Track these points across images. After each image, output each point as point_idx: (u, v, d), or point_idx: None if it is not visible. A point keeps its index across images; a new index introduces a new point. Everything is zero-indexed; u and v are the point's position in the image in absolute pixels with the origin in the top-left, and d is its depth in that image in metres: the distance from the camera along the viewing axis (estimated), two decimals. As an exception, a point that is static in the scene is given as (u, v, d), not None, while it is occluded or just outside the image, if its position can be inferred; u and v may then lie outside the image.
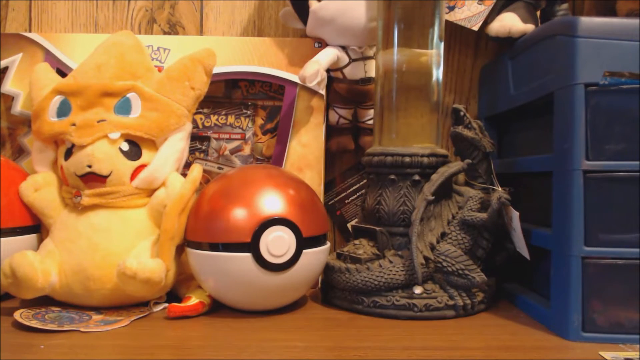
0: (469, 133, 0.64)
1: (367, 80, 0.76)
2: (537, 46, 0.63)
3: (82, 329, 0.54)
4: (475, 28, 0.74)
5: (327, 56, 0.73)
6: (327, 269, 0.65)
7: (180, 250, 0.62)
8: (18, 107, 0.74)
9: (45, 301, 0.61)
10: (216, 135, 0.78)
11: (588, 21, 0.53)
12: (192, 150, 0.78)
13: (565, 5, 0.75)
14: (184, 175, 0.63)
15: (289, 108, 0.75)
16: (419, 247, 0.61)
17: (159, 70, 0.67)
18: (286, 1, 0.77)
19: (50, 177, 0.65)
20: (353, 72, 0.75)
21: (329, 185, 0.83)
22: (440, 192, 0.62)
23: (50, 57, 0.75)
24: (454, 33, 0.84)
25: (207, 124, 0.78)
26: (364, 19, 0.72)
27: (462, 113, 0.65)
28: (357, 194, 0.83)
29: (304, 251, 0.59)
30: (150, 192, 0.64)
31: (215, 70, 0.68)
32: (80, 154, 0.61)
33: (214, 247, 0.58)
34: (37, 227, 0.66)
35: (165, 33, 0.83)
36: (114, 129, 0.61)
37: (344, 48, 0.75)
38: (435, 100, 0.67)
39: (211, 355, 0.48)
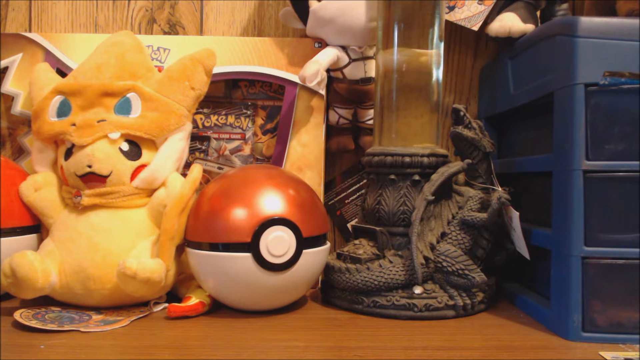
0: (469, 133, 0.64)
1: (367, 80, 0.76)
2: (537, 46, 0.63)
3: (82, 329, 0.54)
4: (475, 28, 0.74)
5: (327, 56, 0.73)
6: (327, 269, 0.65)
7: (180, 250, 0.62)
8: (18, 107, 0.74)
9: (45, 301, 0.61)
10: (216, 135, 0.78)
11: (588, 21, 0.53)
12: (192, 150, 0.78)
13: (565, 5, 0.75)
14: (184, 175, 0.63)
15: (289, 108, 0.75)
16: (419, 247, 0.61)
17: (159, 70, 0.67)
18: (286, 1, 0.77)
19: (50, 177, 0.65)
20: (353, 72, 0.75)
21: (329, 185, 0.83)
22: (440, 192, 0.62)
23: (50, 57, 0.75)
24: (454, 33, 0.84)
25: (207, 124, 0.78)
26: (364, 19, 0.72)
27: (462, 113, 0.65)
28: (357, 194, 0.83)
29: (304, 251, 0.59)
30: (150, 192, 0.64)
31: (215, 70, 0.68)
32: (80, 154, 0.61)
33: (214, 247, 0.58)
34: (37, 227, 0.66)
35: (165, 33, 0.83)
36: (114, 129, 0.61)
37: (344, 48, 0.75)
38: (435, 100, 0.67)
39: (211, 355, 0.48)
